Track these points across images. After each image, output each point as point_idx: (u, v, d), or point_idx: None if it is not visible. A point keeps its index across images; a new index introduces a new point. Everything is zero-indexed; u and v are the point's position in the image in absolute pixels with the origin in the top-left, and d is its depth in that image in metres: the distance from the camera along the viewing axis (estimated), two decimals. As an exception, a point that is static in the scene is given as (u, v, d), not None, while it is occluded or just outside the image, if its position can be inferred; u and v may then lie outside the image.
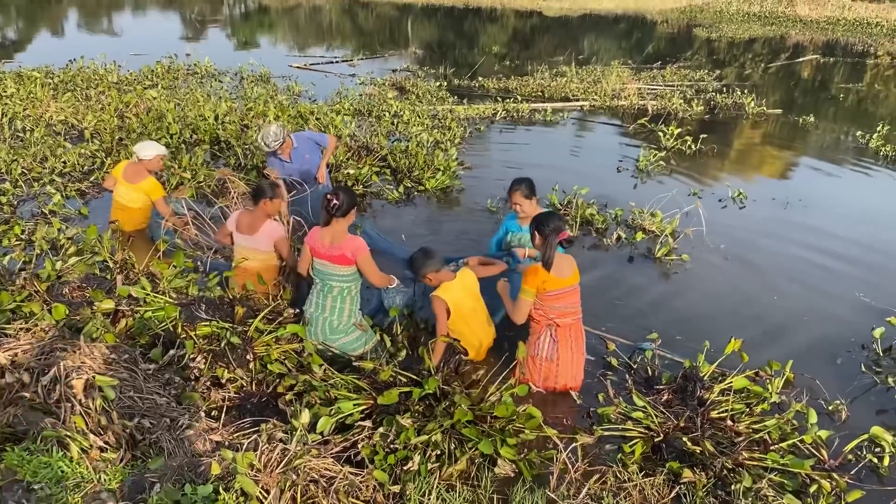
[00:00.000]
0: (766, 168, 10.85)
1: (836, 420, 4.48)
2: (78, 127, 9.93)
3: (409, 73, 17.08)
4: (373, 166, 8.59)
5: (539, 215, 4.35)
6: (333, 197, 4.30)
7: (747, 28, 30.81)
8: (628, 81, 16.44)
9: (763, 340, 5.35)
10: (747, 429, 4.08)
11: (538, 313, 4.36)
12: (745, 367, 4.52)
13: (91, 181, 7.90)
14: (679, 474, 3.70)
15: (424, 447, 3.62)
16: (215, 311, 4.51)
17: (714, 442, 3.92)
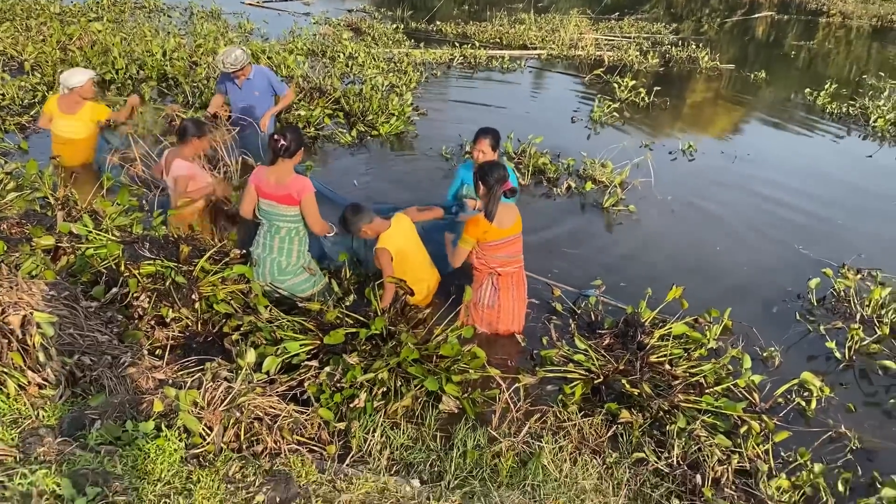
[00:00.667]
0: (717, 122, 11.03)
1: (769, 366, 4.68)
2: (17, 59, 9.48)
3: (365, 15, 16.69)
4: (325, 108, 8.44)
5: (483, 165, 4.35)
6: (281, 137, 4.22)
7: (706, -18, 30.82)
8: (586, 31, 16.38)
9: (704, 289, 5.50)
10: (684, 373, 4.23)
11: (480, 262, 4.41)
12: (685, 314, 4.65)
13: (31, 115, 7.60)
14: (617, 415, 3.84)
15: (370, 385, 3.67)
16: (160, 250, 4.43)
17: (652, 385, 4.05)
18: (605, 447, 3.67)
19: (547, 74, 13.01)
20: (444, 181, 7.13)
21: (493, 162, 4.41)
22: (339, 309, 4.08)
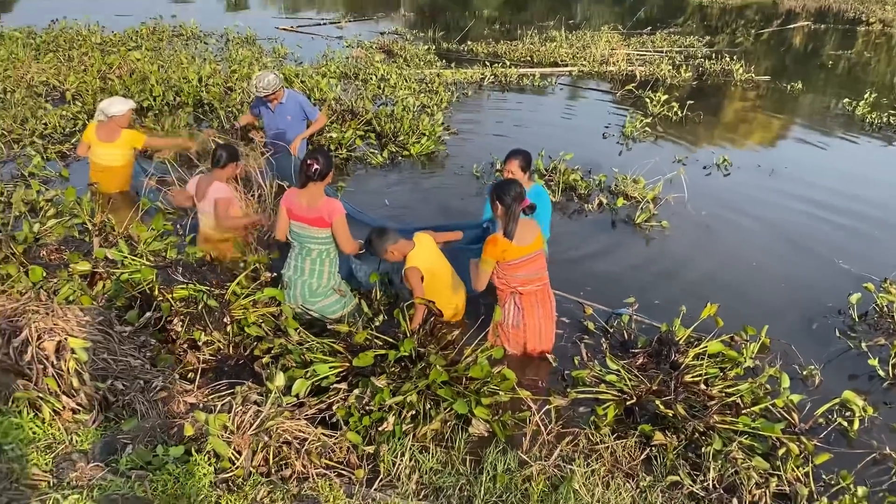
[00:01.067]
0: (753, 135, 10.85)
1: (809, 385, 4.54)
2: (60, 88, 9.79)
3: (397, 37, 16.87)
4: (357, 130, 8.52)
5: (498, 183, 4.29)
6: (314, 161, 4.28)
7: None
8: (617, 47, 16.31)
9: (740, 306, 5.38)
10: (720, 393, 4.13)
11: (501, 282, 4.37)
12: (720, 331, 4.55)
13: (72, 143, 7.80)
14: (651, 437, 3.76)
15: (399, 408, 3.66)
16: (192, 273, 4.51)
17: (686, 405, 3.96)
18: (639, 470, 3.59)
19: (578, 91, 12.97)
20: (475, 199, 7.16)
21: (509, 180, 4.37)
22: (368, 330, 4.09)
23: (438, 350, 4.05)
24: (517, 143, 5.10)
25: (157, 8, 17.43)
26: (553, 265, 4.89)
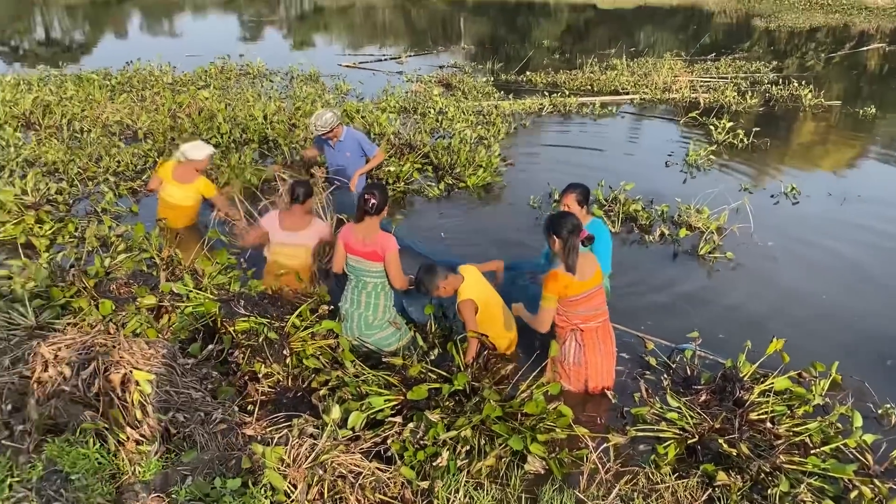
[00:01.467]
0: (823, 162, 10.49)
1: (884, 424, 4.31)
2: (132, 127, 10.26)
3: (456, 69, 17.08)
4: (415, 163, 8.63)
5: (553, 216, 4.22)
6: (370, 196, 4.36)
7: (809, 17, 29.78)
8: (680, 74, 16.11)
9: (809, 341, 5.17)
10: (787, 431, 3.96)
11: (561, 319, 4.28)
12: (787, 367, 4.38)
13: (143, 180, 8.15)
14: (713, 477, 3.62)
15: (454, 443, 3.64)
16: (254, 306, 4.61)
17: (751, 445, 3.81)
18: (701, 512, 3.46)
19: (640, 119, 12.84)
20: (531, 231, 7.13)
21: (562, 212, 4.31)
22: (422, 364, 4.10)
23: (492, 384, 4.02)
24: (576, 173, 5.08)
25: (225, 47, 18.12)
26: (612, 298, 4.82)
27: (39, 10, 32.03)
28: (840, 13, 30.89)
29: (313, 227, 5.21)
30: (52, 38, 24.62)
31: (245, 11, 32.54)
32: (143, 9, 33.47)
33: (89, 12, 32.54)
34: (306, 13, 34.54)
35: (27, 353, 4.07)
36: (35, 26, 27.41)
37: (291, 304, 4.76)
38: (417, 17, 32.64)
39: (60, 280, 4.68)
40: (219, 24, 28.92)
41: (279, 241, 5.18)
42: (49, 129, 9.99)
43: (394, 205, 7.74)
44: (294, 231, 5.14)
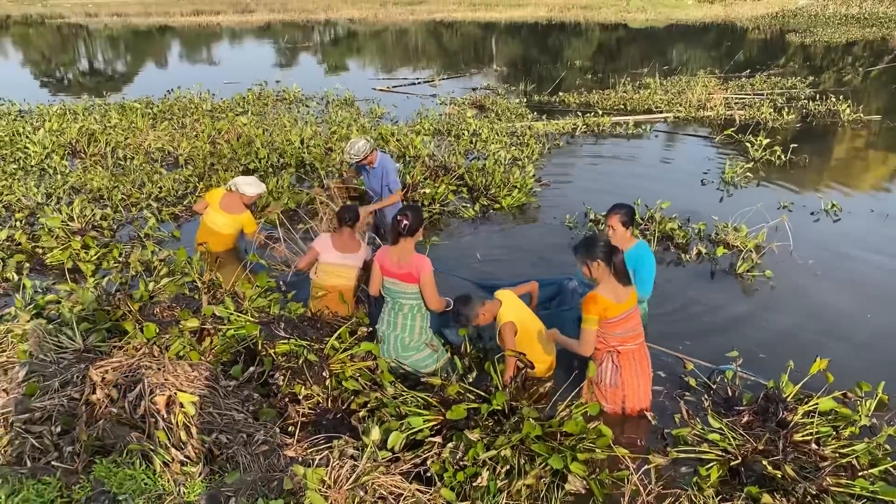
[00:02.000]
0: (864, 179, 10.29)
1: (934, 446, 4.20)
2: (174, 154, 10.53)
3: (489, 91, 17.20)
4: (450, 185, 8.70)
5: (583, 241, 4.24)
6: (403, 217, 4.42)
7: (845, 31, 29.36)
8: (715, 91, 16.00)
9: (853, 360, 5.07)
10: (833, 453, 3.88)
11: (598, 341, 4.25)
12: (831, 387, 4.29)
13: (184, 205, 8.35)
14: (758, 500, 3.57)
15: (493, 463, 3.64)
16: (294, 329, 4.68)
17: (797, 466, 3.75)
18: (746, 536, 3.41)
19: (674, 137, 12.77)
20: (567, 250, 7.11)
21: (591, 235, 4.32)
22: (460, 383, 4.11)
23: (531, 404, 4.02)
24: (611, 193, 5.09)
25: (262, 74, 18.54)
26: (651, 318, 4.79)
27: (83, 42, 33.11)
28: (877, 26, 30.39)
29: (362, 252, 5.31)
30: (95, 69, 25.44)
31: (280, 38, 33.19)
32: (183, 38, 34.39)
33: (131, 42, 33.55)
34: (340, 38, 35.12)
35: (75, 376, 4.19)
36: (79, 57, 28.36)
37: (330, 326, 4.83)
38: (449, 39, 32.95)
39: (106, 304, 4.81)
40: (255, 51, 29.57)
41: (331, 262, 5.25)
42: (94, 157, 10.32)
43: (430, 226, 7.80)
44: (346, 253, 5.23)
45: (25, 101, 14.80)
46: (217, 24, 39.30)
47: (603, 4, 41.72)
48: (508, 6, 42.65)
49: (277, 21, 40.39)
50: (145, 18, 42.83)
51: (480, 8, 42.39)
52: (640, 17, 37.27)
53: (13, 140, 10.96)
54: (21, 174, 9.42)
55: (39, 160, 10.04)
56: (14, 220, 7.55)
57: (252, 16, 43.20)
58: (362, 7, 44.65)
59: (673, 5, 40.49)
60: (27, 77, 23.00)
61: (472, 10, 41.84)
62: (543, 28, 34.88)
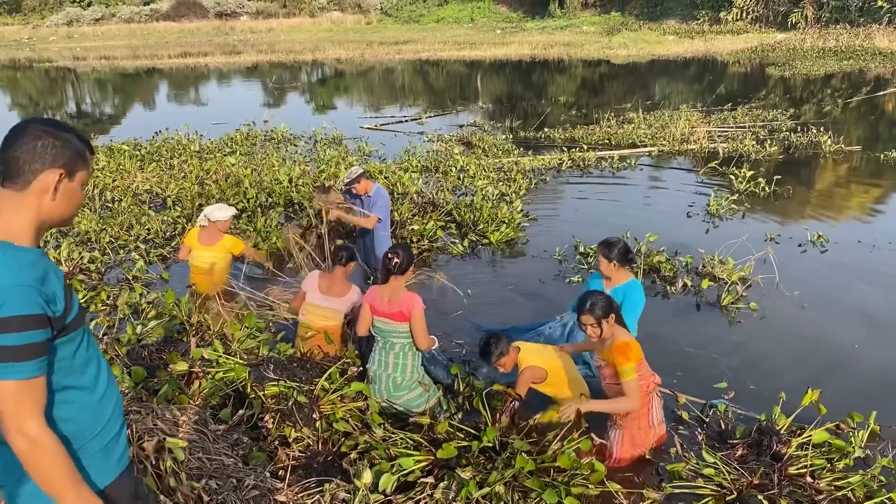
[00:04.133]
0: (848, 209, 10.42)
1: (929, 475, 4.18)
2: (162, 195, 10.52)
3: (475, 128, 17.37)
4: (438, 221, 8.73)
5: (591, 302, 4.05)
6: (394, 255, 4.41)
7: (823, 64, 29.94)
8: (697, 125, 16.23)
9: (843, 391, 5.07)
10: (829, 486, 3.87)
11: (641, 385, 4.11)
12: (824, 419, 4.29)
13: (172, 246, 8.32)
14: (754, 534, 3.54)
15: (487, 501, 3.60)
16: (283, 370, 4.64)
17: (793, 500, 3.73)
18: (744, 573, 3.37)
19: (659, 171, 12.92)
20: (555, 282, 7.25)
21: (591, 295, 4.14)
22: (450, 421, 4.09)
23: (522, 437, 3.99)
24: (597, 226, 5.15)
25: (250, 114, 18.64)
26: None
27: (71, 85, 33.28)
28: (854, 59, 31.02)
29: (349, 296, 5.24)
30: (83, 111, 25.53)
31: (268, 78, 33.50)
32: (170, 79, 34.63)
33: (118, 85, 33.74)
34: (327, 77, 35.48)
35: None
36: (67, 100, 28.47)
37: (320, 366, 4.79)
38: (435, 78, 33.34)
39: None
40: (243, 91, 29.77)
41: (314, 303, 5.23)
42: (81, 200, 10.28)
43: (419, 263, 7.80)
44: (330, 296, 5.20)
45: (13, 144, 14.77)
46: (205, 66, 39.61)
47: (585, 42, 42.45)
48: (492, 45, 43.27)
49: (265, 62, 40.76)
50: (133, 61, 43.13)
51: (465, 47, 42.98)
52: (623, 52, 37.89)
53: (-1, 184, 10.92)
54: (7, 218, 9.37)
55: (26, 203, 9.99)
56: (1, 264, 7.49)
57: (239, 57, 43.59)
58: (349, 47, 45.19)
59: (654, 41, 41.22)
60: (15, 120, 22.97)
61: (457, 48, 42.43)
62: (527, 65, 35.36)
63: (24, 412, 1.88)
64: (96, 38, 58.47)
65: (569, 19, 51.83)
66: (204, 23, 61.68)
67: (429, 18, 58.47)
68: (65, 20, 62.29)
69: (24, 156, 1.97)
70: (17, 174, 1.98)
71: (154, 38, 57.70)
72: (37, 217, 2.01)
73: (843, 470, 4.01)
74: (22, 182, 1.98)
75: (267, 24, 61.10)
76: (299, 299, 5.38)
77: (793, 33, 39.34)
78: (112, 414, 2.21)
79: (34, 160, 1.98)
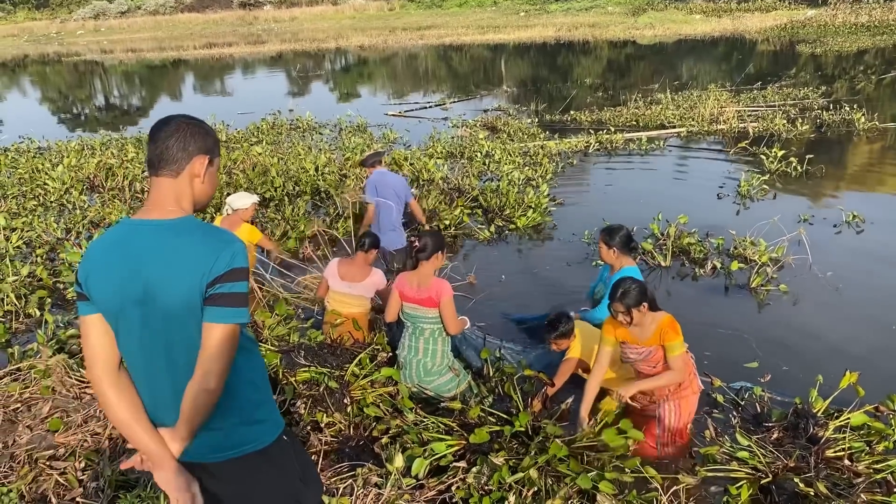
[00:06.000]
0: (884, 187, 10.18)
1: (971, 458, 4.09)
2: (192, 185, 10.60)
3: (500, 113, 17.26)
4: (464, 207, 8.71)
5: (617, 290, 3.99)
6: (416, 239, 4.42)
7: (855, 40, 29.23)
8: (727, 104, 15.95)
9: (881, 373, 4.97)
10: (868, 469, 3.80)
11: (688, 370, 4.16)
12: (862, 401, 4.22)
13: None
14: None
15: (520, 486, 3.59)
16: (314, 356, 4.68)
17: (830, 483, 3.67)
18: (781, 556, 3.33)
19: (688, 152, 12.73)
20: (581, 266, 7.25)
21: (620, 280, 4.08)
22: (482, 406, 4.08)
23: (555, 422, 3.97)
24: (625, 209, 5.08)
25: (275, 103, 18.72)
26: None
27: (99, 78, 33.71)
28: (887, 34, 30.23)
29: (371, 279, 5.27)
30: (111, 104, 25.88)
31: (292, 67, 33.61)
32: (196, 70, 34.91)
33: (145, 77, 34.12)
34: (350, 65, 35.49)
35: (98, 411, 4.21)
36: (95, 93, 28.87)
37: (350, 352, 4.81)
38: (459, 62, 33.17)
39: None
40: (268, 80, 29.91)
41: (337, 290, 5.27)
42: (112, 191, 10.45)
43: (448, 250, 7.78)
44: (352, 281, 5.23)
45: (44, 137, 15.06)
46: (230, 56, 39.87)
47: (611, 22, 41.91)
48: (516, 27, 42.94)
49: (289, 51, 40.92)
50: (159, 53, 43.56)
51: (489, 30, 42.71)
52: (649, 33, 37.36)
53: (33, 177, 11.14)
54: (41, 210, 9.56)
55: (59, 196, 10.18)
56: (35, 255, 7.64)
57: (264, 46, 43.82)
58: (371, 34, 45.15)
59: (681, 21, 40.57)
60: (45, 114, 23.42)
61: (480, 32, 42.17)
62: (552, 48, 35.04)
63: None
64: (122, 30, 59.17)
65: (593, 0, 51.19)
66: (228, 13, 62.09)
67: (451, 3, 58.16)
68: (91, 14, 63.10)
69: (175, 145, 2.16)
70: (171, 161, 2.17)
71: (179, 29, 58.22)
72: (192, 199, 2.24)
73: (883, 453, 3.93)
74: (176, 168, 2.18)
75: (290, 13, 61.29)
76: (323, 287, 5.41)
77: (824, 9, 38.44)
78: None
79: (185, 148, 2.18)
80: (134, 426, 2.13)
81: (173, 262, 2.05)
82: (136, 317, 2.09)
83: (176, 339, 2.10)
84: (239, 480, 2.30)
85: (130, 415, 2.13)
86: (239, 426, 2.25)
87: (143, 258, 2.06)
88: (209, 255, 2.05)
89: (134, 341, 2.13)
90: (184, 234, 2.10)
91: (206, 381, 2.06)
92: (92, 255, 2.13)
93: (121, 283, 2.07)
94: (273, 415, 2.40)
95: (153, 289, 2.05)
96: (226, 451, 2.25)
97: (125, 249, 2.09)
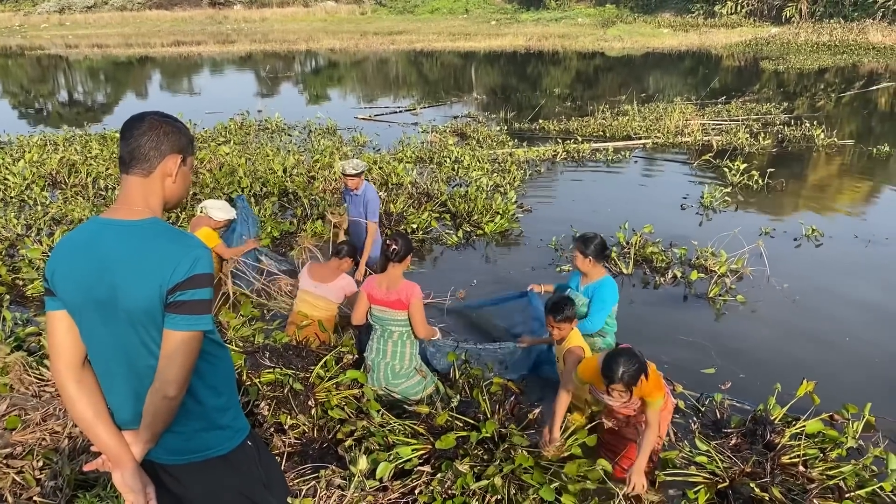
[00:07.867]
0: (841, 202, 10.46)
1: (921, 466, 4.22)
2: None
3: (470, 119, 17.34)
4: (433, 212, 8.73)
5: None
6: (392, 242, 4.42)
7: (817, 58, 29.99)
8: (692, 117, 16.25)
9: (836, 383, 5.11)
10: (821, 475, 3.91)
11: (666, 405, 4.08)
12: (817, 410, 4.33)
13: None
14: (747, 522, 3.57)
15: (483, 492, 3.61)
16: (279, 358, 4.65)
17: (784, 489, 3.77)
18: (737, 560, 3.40)
19: (653, 163, 12.94)
20: (547, 270, 7.42)
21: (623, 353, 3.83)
22: (449, 412, 4.10)
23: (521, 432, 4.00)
24: (591, 217, 5.12)
25: (244, 103, 18.54)
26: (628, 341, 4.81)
27: (63, 73, 33.04)
28: (847, 54, 31.08)
29: (339, 283, 5.30)
30: (75, 99, 25.37)
31: (261, 68, 33.32)
32: (163, 68, 34.42)
33: (111, 73, 33.53)
34: (321, 68, 35.32)
35: (58, 409, 4.13)
36: (59, 88, 28.29)
37: (316, 354, 4.80)
38: (430, 68, 33.24)
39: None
40: (236, 80, 29.63)
41: (305, 289, 5.27)
42: (75, 188, 10.25)
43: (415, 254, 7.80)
44: (320, 282, 5.23)
45: (5, 132, 14.72)
46: (198, 55, 39.40)
47: (580, 34, 42.40)
48: (487, 36, 43.20)
49: (259, 51, 40.56)
50: (125, 49, 42.86)
51: (460, 38, 42.89)
52: (617, 45, 37.87)
53: (-8, 172, 10.88)
54: (0, 206, 9.34)
55: (19, 191, 9.95)
56: (-7, 251, 7.46)
57: (233, 46, 43.38)
58: (343, 37, 45.03)
59: (649, 34, 41.23)
60: (6, 108, 22.87)
61: (451, 39, 42.33)
62: (522, 57, 35.29)
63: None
64: (88, 25, 58.09)
65: (563, 11, 51.81)
66: (197, 11, 61.41)
67: (423, 9, 58.32)
68: (56, 7, 61.86)
69: (147, 143, 2.13)
70: (143, 160, 2.14)
71: (147, 26, 57.37)
72: (162, 199, 2.20)
73: (836, 460, 4.05)
74: (148, 167, 2.15)
75: (261, 14, 60.86)
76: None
77: (787, 27, 39.44)
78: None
79: (157, 147, 2.14)
80: (95, 423, 2.10)
81: (135, 267, 2.02)
82: (98, 318, 2.07)
83: (136, 343, 2.07)
84: (200, 484, 2.29)
85: (92, 412, 2.11)
86: (201, 431, 2.23)
87: (108, 260, 2.04)
88: (170, 262, 2.02)
89: (95, 342, 2.10)
90: (149, 237, 2.07)
91: (166, 389, 2.04)
92: (59, 253, 2.10)
93: (85, 283, 2.05)
94: (237, 421, 2.37)
95: (115, 292, 2.03)
96: (186, 455, 2.23)
97: (91, 250, 2.06)
